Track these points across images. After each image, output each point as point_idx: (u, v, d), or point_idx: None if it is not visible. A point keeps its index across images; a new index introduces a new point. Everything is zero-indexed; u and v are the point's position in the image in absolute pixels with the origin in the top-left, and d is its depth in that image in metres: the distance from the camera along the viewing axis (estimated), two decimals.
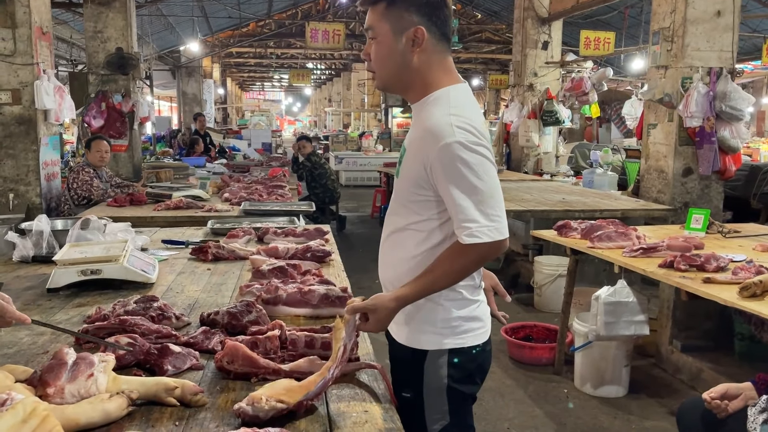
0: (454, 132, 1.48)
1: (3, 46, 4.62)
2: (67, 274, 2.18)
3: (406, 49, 1.57)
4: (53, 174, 5.15)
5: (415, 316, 1.65)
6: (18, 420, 1.05)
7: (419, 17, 1.55)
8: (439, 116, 1.52)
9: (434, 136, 1.50)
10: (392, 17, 1.56)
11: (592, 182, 7.07)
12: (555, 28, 8.66)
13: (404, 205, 1.65)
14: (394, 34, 1.56)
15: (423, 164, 1.54)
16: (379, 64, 1.62)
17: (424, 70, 1.59)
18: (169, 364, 1.52)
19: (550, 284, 5.27)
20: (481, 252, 1.51)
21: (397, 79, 1.63)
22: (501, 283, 1.94)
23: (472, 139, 1.49)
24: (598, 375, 3.73)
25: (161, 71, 17.79)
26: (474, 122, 1.52)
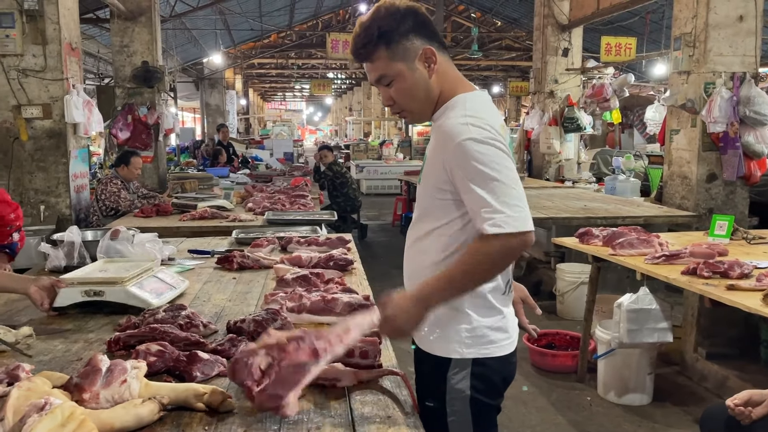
0: (470, 130, 1.49)
1: (34, 62, 4.76)
2: (71, 294, 2.12)
3: (424, 73, 1.58)
4: (82, 186, 5.28)
5: (439, 324, 1.65)
6: (56, 423, 1.10)
7: (419, 38, 1.57)
8: (454, 118, 1.54)
9: (450, 136, 1.51)
10: (398, 54, 1.56)
11: (614, 189, 7.03)
12: (575, 35, 8.65)
13: (426, 211, 1.66)
14: (408, 66, 1.57)
15: (442, 165, 1.55)
16: (407, 101, 1.62)
17: (442, 82, 1.61)
18: (197, 371, 1.57)
19: (572, 292, 5.25)
20: (507, 244, 1.44)
21: (427, 105, 1.63)
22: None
23: (486, 134, 1.48)
24: (622, 383, 3.70)
25: (185, 83, 18.08)
26: (489, 122, 1.52)
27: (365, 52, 1.59)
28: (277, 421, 1.37)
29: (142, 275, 2.23)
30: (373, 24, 1.56)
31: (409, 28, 1.56)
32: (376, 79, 1.62)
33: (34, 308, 2.16)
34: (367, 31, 1.57)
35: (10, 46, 4.70)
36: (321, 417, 1.40)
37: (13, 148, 4.86)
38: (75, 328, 2.01)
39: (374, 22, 1.56)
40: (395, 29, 1.55)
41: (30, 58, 4.76)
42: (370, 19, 1.58)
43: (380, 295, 2.18)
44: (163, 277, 2.32)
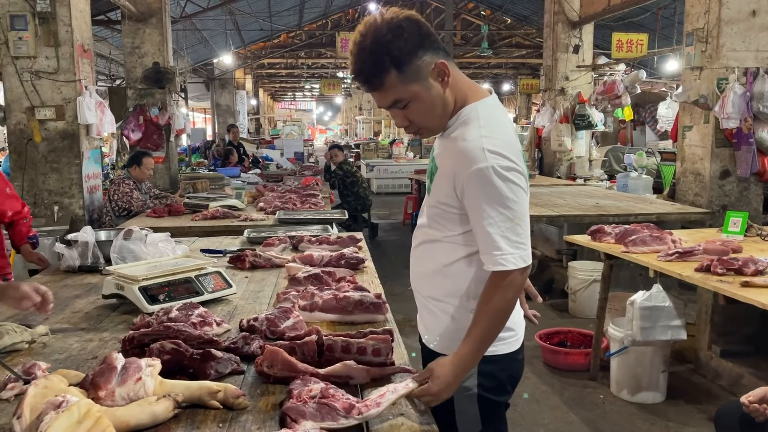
0: (486, 157, 1.46)
1: (47, 64, 4.80)
2: (108, 285, 2.25)
3: (439, 89, 1.53)
4: (95, 186, 5.32)
5: (446, 323, 1.67)
6: (73, 421, 1.12)
7: (428, 53, 1.50)
8: (471, 139, 1.50)
9: (467, 159, 1.48)
10: (411, 75, 1.48)
11: (626, 186, 6.99)
12: (586, 32, 8.60)
13: (433, 219, 1.66)
14: (423, 86, 1.51)
15: (453, 185, 1.54)
16: (425, 120, 1.57)
17: (456, 93, 1.58)
18: (211, 369, 1.58)
19: (584, 289, 5.23)
20: (509, 279, 1.49)
21: (444, 119, 1.59)
22: (534, 287, 1.95)
23: (505, 163, 1.47)
24: (635, 381, 3.68)
25: (195, 84, 18.17)
26: (506, 142, 1.51)
27: (376, 81, 1.50)
28: None
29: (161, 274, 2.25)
30: (379, 48, 1.45)
31: (417, 44, 1.48)
32: (390, 104, 1.54)
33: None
34: (374, 57, 1.47)
35: (23, 48, 4.74)
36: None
37: (27, 150, 4.90)
38: (90, 327, 2.03)
39: (380, 47, 1.45)
40: (404, 50, 1.46)
41: (43, 60, 4.80)
42: (372, 42, 1.46)
43: (390, 293, 2.19)
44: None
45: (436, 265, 1.67)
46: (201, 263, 2.39)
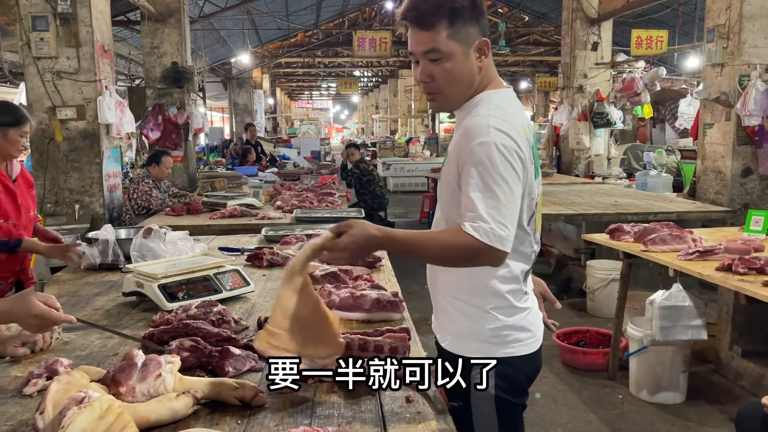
0: (491, 132, 1.45)
1: (68, 64, 4.87)
2: (128, 283, 2.27)
3: (474, 63, 1.55)
4: (115, 185, 5.38)
5: (462, 324, 1.66)
6: (95, 416, 1.13)
7: (479, 28, 1.54)
8: (479, 117, 1.51)
9: (471, 134, 1.48)
10: (459, 35, 1.51)
11: (645, 184, 6.91)
12: (605, 29, 8.52)
13: (444, 207, 1.65)
14: (463, 51, 1.52)
15: (457, 164, 1.53)
16: (448, 84, 1.56)
17: (483, 77, 1.59)
18: (229, 366, 1.59)
19: (602, 288, 5.18)
20: (474, 248, 1.41)
21: (464, 95, 1.59)
22: (552, 288, 1.94)
23: (509, 143, 1.45)
24: (655, 381, 3.65)
25: (213, 83, 18.30)
26: (514, 127, 1.49)
27: (428, 20, 1.51)
28: (308, 416, 1.38)
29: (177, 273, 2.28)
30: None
31: (477, 15, 1.53)
32: (426, 51, 1.53)
33: (73, 304, 2.22)
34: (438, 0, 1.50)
35: (45, 49, 4.81)
36: (351, 412, 1.41)
37: (48, 149, 4.97)
38: (110, 324, 2.05)
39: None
40: (467, 10, 1.51)
41: (64, 61, 4.86)
42: None
43: (407, 292, 2.19)
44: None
45: None
46: (219, 261, 2.41)
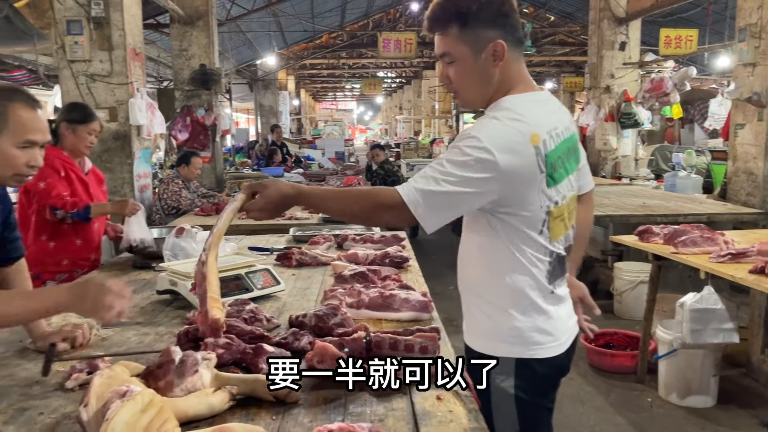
0: (483, 130, 1.48)
1: (101, 67, 4.97)
2: (162, 281, 2.33)
3: (488, 65, 1.55)
4: (145, 185, 5.48)
5: (485, 323, 1.66)
6: (138, 409, 1.17)
7: (494, 30, 1.53)
8: (481, 123, 1.54)
9: (472, 128, 1.54)
10: (469, 38, 1.53)
11: (674, 185, 6.83)
12: (633, 28, 8.43)
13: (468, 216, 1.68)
14: (473, 54, 1.54)
15: None
16: (462, 86, 1.61)
17: (504, 80, 1.58)
18: (263, 363, 1.62)
19: (630, 291, 5.13)
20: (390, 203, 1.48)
21: (481, 96, 1.61)
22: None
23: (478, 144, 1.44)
24: (685, 384, 3.61)
25: (239, 84, 18.48)
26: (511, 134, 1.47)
27: (437, 25, 1.57)
28: (341, 413, 1.41)
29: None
30: (463, 1, 1.53)
31: (489, 16, 1.52)
32: (441, 54, 1.60)
33: None
34: (446, 5, 1.54)
35: (79, 53, 4.91)
36: (383, 409, 1.43)
37: None
38: (146, 321, 2.10)
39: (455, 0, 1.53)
40: (473, 13, 1.52)
41: (97, 64, 4.97)
42: None
43: (432, 292, 2.20)
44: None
45: (471, 260, 1.69)
46: (250, 261, 2.45)
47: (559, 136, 1.58)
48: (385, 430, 1.32)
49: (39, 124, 1.64)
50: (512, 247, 1.57)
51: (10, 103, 1.59)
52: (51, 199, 2.91)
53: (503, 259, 1.59)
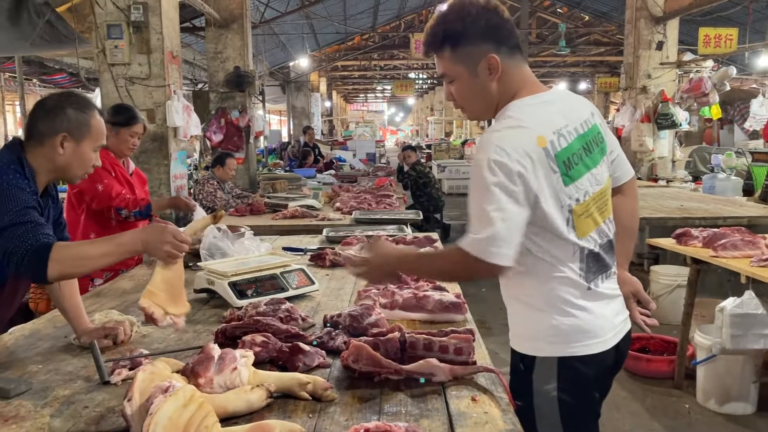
0: (489, 147, 1.48)
1: (140, 70, 5.08)
2: (200, 280, 2.39)
3: (485, 80, 1.57)
4: (181, 186, 5.58)
5: (524, 322, 1.66)
6: (180, 404, 1.20)
7: (486, 44, 1.54)
8: (488, 132, 1.57)
9: (477, 149, 1.57)
10: (461, 57, 1.56)
11: (713, 188, 6.68)
12: (670, 27, 8.28)
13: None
14: (469, 71, 1.57)
15: None
16: (465, 103, 1.66)
17: (506, 89, 1.59)
18: (300, 362, 1.64)
19: (667, 295, 5.03)
20: (466, 261, 1.48)
21: (485, 109, 1.65)
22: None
23: (502, 159, 1.45)
24: (724, 390, 3.53)
25: (272, 86, 18.69)
26: (521, 140, 1.49)
27: (431, 48, 1.62)
28: (376, 412, 1.42)
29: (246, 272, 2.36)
30: (441, 24, 1.57)
31: (478, 32, 1.54)
32: (440, 75, 1.65)
33: None
34: (435, 29, 1.59)
35: (119, 56, 5.03)
36: (418, 410, 1.43)
37: None
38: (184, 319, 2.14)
39: (443, 23, 1.57)
40: (461, 33, 1.55)
41: (136, 67, 5.08)
42: (440, 16, 1.59)
43: (464, 294, 2.20)
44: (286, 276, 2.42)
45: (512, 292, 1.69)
46: (285, 260, 2.48)
47: (570, 133, 1.57)
48: (421, 431, 1.32)
49: (104, 130, 1.93)
50: (539, 248, 1.56)
51: (91, 112, 1.87)
52: (114, 201, 3.00)
53: (533, 261, 1.58)
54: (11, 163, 1.75)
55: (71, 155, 1.83)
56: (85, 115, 1.85)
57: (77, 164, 1.85)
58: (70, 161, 1.83)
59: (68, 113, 1.82)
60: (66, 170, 1.85)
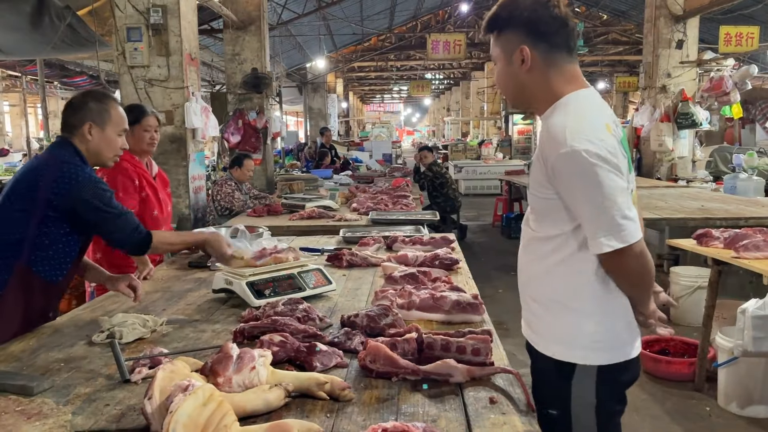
0: (572, 139, 1.48)
1: (159, 72, 5.13)
2: (218, 280, 2.40)
3: (517, 69, 1.64)
4: (200, 187, 5.62)
5: (559, 328, 1.64)
6: (199, 403, 1.21)
7: (523, 36, 1.61)
8: (557, 123, 1.55)
9: (553, 140, 1.53)
10: (502, 42, 1.66)
11: (734, 188, 6.59)
12: (691, 26, 8.18)
13: (534, 211, 1.69)
14: (506, 57, 1.66)
15: (543, 163, 1.57)
16: (501, 87, 1.75)
17: (542, 84, 1.63)
18: (317, 361, 1.65)
19: (688, 296, 4.97)
20: (621, 257, 1.49)
21: (519, 97, 1.72)
22: None
23: (590, 148, 1.47)
24: (746, 393, 3.48)
25: (289, 88, 18.77)
26: (593, 126, 1.52)
27: (486, 30, 1.73)
28: (394, 412, 1.42)
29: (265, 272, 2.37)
30: (497, 9, 1.67)
31: (520, 22, 1.60)
32: (491, 56, 1.75)
33: (167, 299, 2.35)
34: (493, 13, 1.68)
35: (138, 59, 5.09)
36: (436, 410, 1.43)
37: None
38: (202, 318, 2.16)
39: (498, 8, 1.67)
40: (507, 19, 1.63)
41: (155, 69, 5.13)
42: (500, 2, 1.67)
43: (481, 295, 2.19)
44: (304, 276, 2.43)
45: (537, 262, 1.68)
46: (302, 261, 2.49)
47: (618, 125, 1.63)
48: (439, 431, 1.32)
49: (125, 116, 2.29)
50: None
51: (109, 102, 2.25)
52: None
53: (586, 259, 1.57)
54: (74, 156, 2.14)
55: (99, 140, 2.20)
56: (104, 104, 2.23)
57: (106, 147, 2.22)
58: (99, 145, 2.20)
59: (90, 105, 2.20)
60: (98, 154, 2.22)
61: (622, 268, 1.54)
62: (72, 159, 2.13)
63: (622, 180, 1.50)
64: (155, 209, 3.15)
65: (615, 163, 1.48)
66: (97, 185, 2.11)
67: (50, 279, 2.13)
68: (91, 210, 2.09)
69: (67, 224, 2.11)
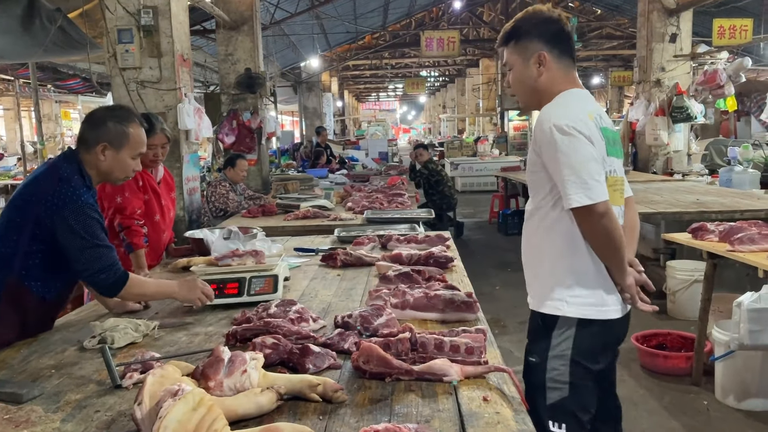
0: (549, 118, 1.80)
1: (151, 74, 5.11)
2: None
3: (534, 72, 1.93)
4: (194, 188, 5.59)
5: (547, 285, 1.90)
6: (189, 408, 1.19)
7: (541, 43, 1.92)
8: (545, 110, 1.88)
9: (539, 123, 1.85)
10: (520, 49, 1.95)
11: (730, 181, 6.59)
12: (684, 19, 8.18)
13: (529, 188, 1.98)
14: (523, 62, 1.95)
15: (533, 148, 1.89)
16: (516, 89, 2.01)
17: (550, 85, 1.93)
18: (310, 363, 1.63)
19: (684, 290, 4.97)
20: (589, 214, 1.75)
21: (532, 97, 1.99)
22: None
23: (561, 121, 1.78)
24: (743, 387, 3.47)
25: (283, 87, 18.72)
26: (572, 111, 1.82)
27: (502, 43, 2.01)
28: (387, 413, 1.41)
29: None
30: (515, 23, 1.97)
31: (539, 33, 1.92)
32: (504, 63, 2.03)
33: (160, 303, 2.34)
34: (510, 25, 1.98)
35: (130, 60, 5.05)
36: (429, 410, 1.42)
37: None
38: (195, 321, 2.15)
39: (518, 20, 1.96)
40: (526, 30, 1.94)
41: (147, 71, 5.10)
42: (517, 18, 1.98)
43: (478, 292, 2.19)
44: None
45: (530, 235, 1.98)
46: (269, 266, 2.43)
47: (606, 121, 1.93)
48: (431, 431, 1.31)
49: (144, 139, 2.20)
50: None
51: (129, 123, 2.13)
52: (123, 218, 3.01)
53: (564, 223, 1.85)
54: (74, 174, 2.03)
55: (112, 162, 2.10)
56: (124, 126, 2.11)
57: (118, 169, 2.13)
58: (111, 167, 2.11)
59: (108, 125, 2.09)
60: (108, 174, 2.14)
61: (591, 227, 1.78)
62: (71, 177, 2.01)
63: (593, 149, 1.78)
64: (156, 214, 3.14)
65: (588, 135, 1.77)
66: (84, 209, 1.96)
67: (42, 295, 2.05)
68: (65, 231, 1.94)
69: (56, 242, 1.98)
